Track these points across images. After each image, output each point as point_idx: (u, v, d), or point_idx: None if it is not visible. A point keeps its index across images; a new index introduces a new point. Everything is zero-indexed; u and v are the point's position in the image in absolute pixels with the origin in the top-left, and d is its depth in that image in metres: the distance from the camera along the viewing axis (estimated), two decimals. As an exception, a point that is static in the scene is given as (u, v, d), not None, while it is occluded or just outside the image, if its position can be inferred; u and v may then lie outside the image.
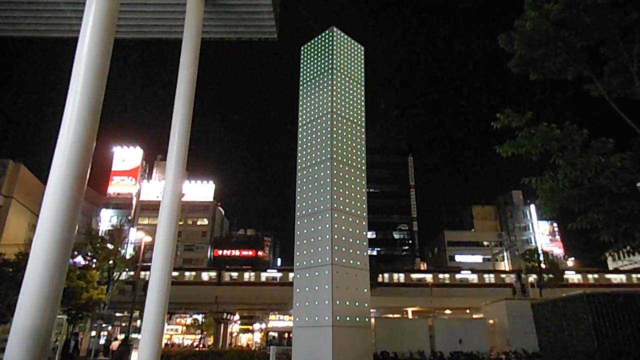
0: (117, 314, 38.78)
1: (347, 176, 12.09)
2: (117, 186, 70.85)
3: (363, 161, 12.81)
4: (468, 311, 40.80)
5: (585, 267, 55.70)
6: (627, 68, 8.47)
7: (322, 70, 13.27)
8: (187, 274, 48.48)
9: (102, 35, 5.31)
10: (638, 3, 7.81)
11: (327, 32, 13.64)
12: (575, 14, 8.19)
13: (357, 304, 10.87)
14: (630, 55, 8.28)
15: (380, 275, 42.65)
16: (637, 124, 8.27)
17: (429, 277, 48.24)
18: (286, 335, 32.27)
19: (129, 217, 64.97)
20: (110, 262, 31.62)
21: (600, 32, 8.49)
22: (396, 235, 78.54)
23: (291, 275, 44.01)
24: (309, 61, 13.92)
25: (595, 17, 8.11)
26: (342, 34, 13.74)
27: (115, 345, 29.44)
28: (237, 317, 49.10)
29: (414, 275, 49.75)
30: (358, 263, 11.37)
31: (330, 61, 13.10)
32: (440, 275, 48.83)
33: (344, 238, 11.27)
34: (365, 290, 11.32)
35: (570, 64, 8.95)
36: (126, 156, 72.62)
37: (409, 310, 44.92)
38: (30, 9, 11.58)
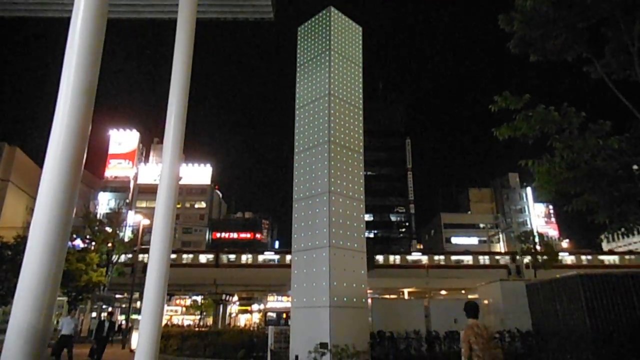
0: (117, 296, 39.18)
1: (344, 159, 12.08)
2: (114, 169, 70.65)
3: (361, 144, 12.78)
4: (463, 292, 41.42)
5: (580, 248, 56.39)
6: (627, 48, 8.41)
7: (320, 52, 13.10)
8: (184, 256, 48.79)
9: (95, 14, 5.20)
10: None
11: (324, 12, 13.40)
12: (576, -7, 8.08)
13: (354, 285, 11.01)
14: (631, 36, 8.22)
15: (376, 256, 43.19)
16: (635, 106, 8.26)
17: (424, 259, 48.84)
18: (284, 315, 32.75)
19: (127, 200, 64.99)
20: (109, 245, 31.82)
21: (600, 12, 8.39)
22: (393, 218, 79.04)
23: (288, 257, 44.55)
24: (306, 42, 13.72)
25: (596, -4, 8.00)
26: (340, 14, 13.52)
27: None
28: (235, 298, 49.74)
29: (410, 257, 50.35)
30: (355, 245, 11.46)
31: (327, 42, 12.92)
32: (436, 257, 49.45)
33: (341, 220, 11.33)
34: (362, 272, 11.45)
35: (570, 45, 8.88)
36: (123, 139, 72.18)
37: (405, 291, 45.57)
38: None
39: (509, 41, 9.29)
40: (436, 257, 49.23)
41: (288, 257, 47.76)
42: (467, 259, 49.63)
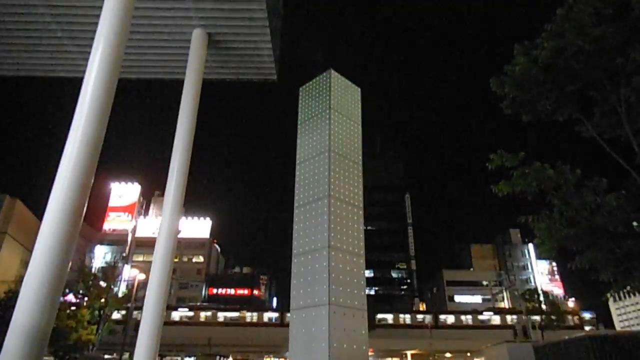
0: (106, 357, 37.27)
1: (344, 213, 12.09)
2: (113, 222, 70.21)
3: (361, 199, 12.86)
4: (469, 354, 39.49)
5: (586, 308, 54.53)
6: (615, 109, 8.71)
7: (320, 110, 13.59)
8: (175, 314, 47.17)
9: (107, 75, 5.47)
10: (622, 49, 8.14)
11: (325, 74, 14.10)
12: (563, 59, 8.52)
13: (354, 346, 10.55)
14: (618, 98, 8.54)
15: (377, 316, 41.71)
16: (629, 164, 8.40)
17: (428, 318, 47.10)
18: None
19: (124, 254, 63.93)
20: (102, 300, 30.84)
21: (588, 76, 8.79)
22: (394, 274, 77.30)
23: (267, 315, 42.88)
24: (307, 101, 14.29)
25: (582, 62, 8.42)
26: (339, 76, 14.20)
27: None
28: (230, 359, 47.31)
29: (410, 316, 48.59)
30: (356, 303, 11.14)
31: (328, 101, 13.45)
32: (441, 317, 47.71)
33: (341, 277, 11.10)
34: (363, 332, 11.02)
35: (560, 106, 9.21)
36: (123, 192, 72.45)
37: (409, 353, 43.45)
38: (37, 50, 11.95)
39: (503, 100, 9.64)
40: (441, 317, 47.51)
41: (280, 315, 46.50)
42: (469, 318, 47.87)
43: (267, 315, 47.61)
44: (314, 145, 13.25)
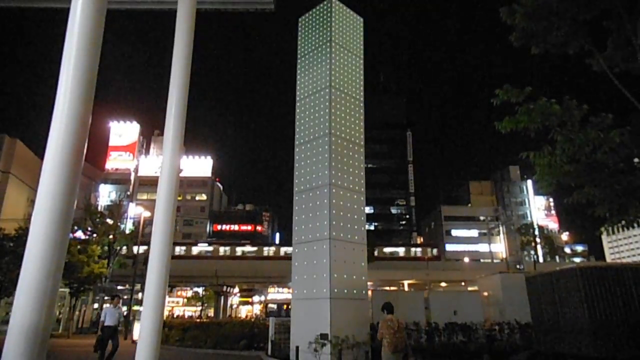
0: (119, 287, 39.42)
1: (345, 151, 12.07)
2: (114, 161, 70.64)
3: (361, 136, 12.76)
4: (463, 284, 41.63)
5: (580, 241, 56.49)
6: (629, 41, 8.35)
7: (320, 43, 13.02)
8: (185, 248, 49.38)
9: (94, 4, 5.16)
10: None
11: (325, 2, 13.30)
12: (580, -15, 8.00)
13: (354, 277, 11.06)
14: (634, 29, 8.15)
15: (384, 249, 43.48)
16: (637, 99, 8.22)
17: (418, 251, 49.35)
18: (285, 307, 32.95)
19: (128, 193, 65.07)
20: (110, 236, 31.93)
21: (604, 4, 8.32)
22: (394, 210, 79.17)
23: (282, 249, 44.94)
24: (306, 33, 13.63)
25: (599, -12, 7.92)
26: (341, 5, 13.41)
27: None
28: (236, 289, 50.02)
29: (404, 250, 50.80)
30: (356, 237, 11.50)
31: (328, 33, 12.84)
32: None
33: (342, 213, 11.35)
34: (363, 264, 11.50)
35: (572, 38, 8.81)
36: (123, 131, 72.07)
37: (405, 283, 45.79)
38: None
39: (511, 34, 9.23)
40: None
41: (281, 250, 48.69)
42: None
43: (266, 250, 49.97)
44: (314, 81, 12.87)
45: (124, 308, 37.95)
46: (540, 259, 51.11)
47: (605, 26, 8.79)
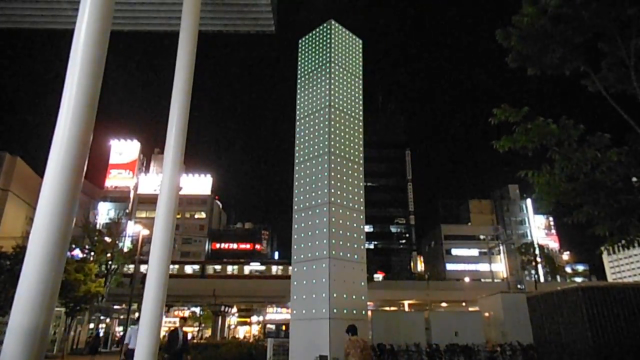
0: (116, 307, 38.87)
1: (344, 170, 12.11)
2: (114, 179, 70.69)
3: (361, 155, 12.83)
4: (464, 304, 41.11)
5: (580, 261, 56.10)
6: (624, 63, 8.48)
7: (320, 64, 13.23)
8: (184, 267, 48.96)
9: (98, 27, 5.27)
10: (636, -2, 7.80)
11: (325, 25, 13.57)
12: (573, 9, 8.18)
13: (354, 297, 10.95)
14: (628, 51, 8.29)
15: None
16: (633, 119, 8.30)
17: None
18: (283, 327, 32.43)
19: (127, 211, 64.87)
20: (108, 255, 31.69)
21: (597, 27, 8.49)
22: (393, 229, 78.83)
23: (274, 268, 44.71)
24: (306, 54, 13.87)
25: (592, 11, 8.10)
26: (341, 27, 13.68)
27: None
28: (234, 309, 49.35)
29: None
30: (355, 257, 11.43)
31: (328, 54, 13.06)
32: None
33: (341, 232, 11.31)
34: (362, 284, 11.40)
35: (567, 59, 8.95)
36: (123, 149, 72.37)
37: (406, 303, 45.23)
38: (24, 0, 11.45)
39: (508, 54, 9.38)
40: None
41: (274, 268, 48.25)
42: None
43: (252, 268, 49.56)
44: (314, 100, 13.02)
45: (119, 328, 37.41)
46: (542, 279, 50.74)
47: (600, 48, 8.95)
